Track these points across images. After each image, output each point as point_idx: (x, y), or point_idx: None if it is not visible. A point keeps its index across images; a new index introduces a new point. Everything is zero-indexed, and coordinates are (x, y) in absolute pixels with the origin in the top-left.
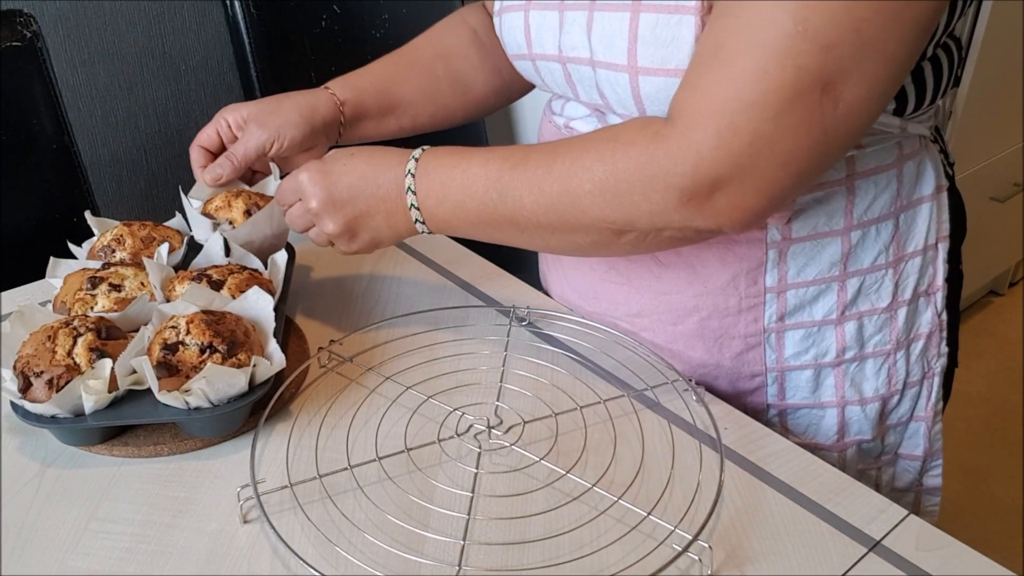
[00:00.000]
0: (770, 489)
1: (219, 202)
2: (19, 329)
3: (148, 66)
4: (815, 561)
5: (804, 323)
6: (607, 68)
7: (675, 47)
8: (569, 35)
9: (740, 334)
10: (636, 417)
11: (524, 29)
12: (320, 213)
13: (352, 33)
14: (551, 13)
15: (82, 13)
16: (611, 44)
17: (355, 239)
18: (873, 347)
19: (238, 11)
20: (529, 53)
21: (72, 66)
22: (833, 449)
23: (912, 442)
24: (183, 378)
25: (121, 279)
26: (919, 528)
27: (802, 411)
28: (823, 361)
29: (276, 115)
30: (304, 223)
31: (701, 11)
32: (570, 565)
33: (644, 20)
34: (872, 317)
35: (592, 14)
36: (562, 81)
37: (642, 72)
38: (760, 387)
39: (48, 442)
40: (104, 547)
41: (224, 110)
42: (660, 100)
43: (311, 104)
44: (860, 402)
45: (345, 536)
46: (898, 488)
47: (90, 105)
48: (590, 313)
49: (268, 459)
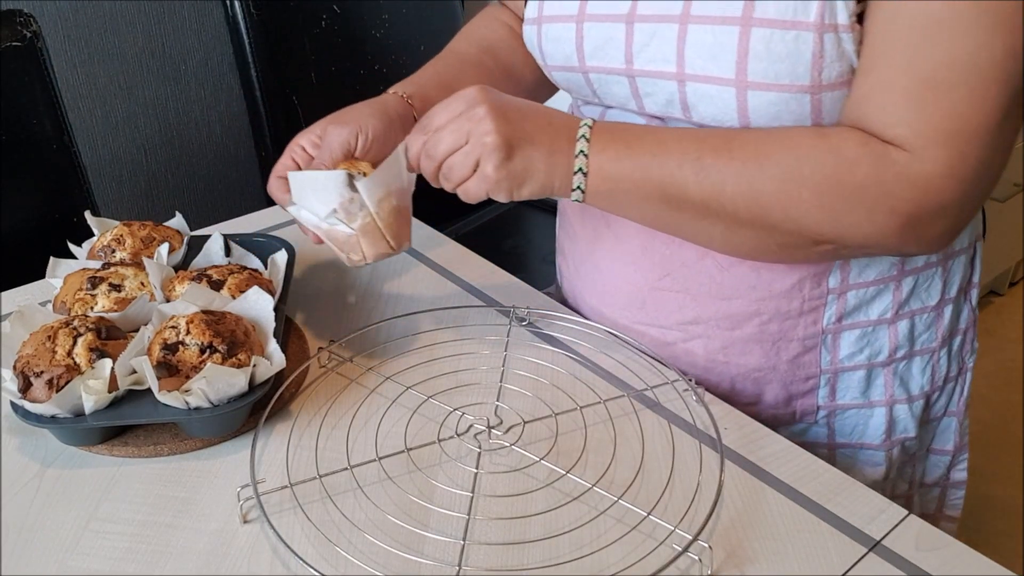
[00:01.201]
0: (770, 489)
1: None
2: (19, 329)
3: (148, 66)
4: (815, 561)
5: (860, 323)
6: (705, 82)
7: (790, 62)
8: (649, 49)
9: (799, 336)
10: (636, 417)
11: (576, 42)
12: (485, 118)
13: (352, 33)
14: (616, 26)
15: (82, 13)
16: (714, 58)
17: (509, 161)
18: (921, 345)
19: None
20: (581, 66)
21: (72, 66)
22: (880, 448)
23: (944, 437)
24: (183, 378)
25: (121, 279)
26: (919, 528)
27: (851, 411)
28: (876, 361)
29: (350, 113)
30: (454, 139)
31: (820, 27)
32: (570, 565)
33: (756, 35)
34: (923, 315)
35: (686, 28)
36: (625, 94)
37: (752, 87)
38: (812, 389)
39: (48, 442)
40: (104, 547)
41: (295, 139)
42: (767, 115)
43: (380, 102)
44: (908, 400)
45: (345, 536)
46: (926, 483)
47: (90, 105)
48: (626, 327)
49: (268, 459)
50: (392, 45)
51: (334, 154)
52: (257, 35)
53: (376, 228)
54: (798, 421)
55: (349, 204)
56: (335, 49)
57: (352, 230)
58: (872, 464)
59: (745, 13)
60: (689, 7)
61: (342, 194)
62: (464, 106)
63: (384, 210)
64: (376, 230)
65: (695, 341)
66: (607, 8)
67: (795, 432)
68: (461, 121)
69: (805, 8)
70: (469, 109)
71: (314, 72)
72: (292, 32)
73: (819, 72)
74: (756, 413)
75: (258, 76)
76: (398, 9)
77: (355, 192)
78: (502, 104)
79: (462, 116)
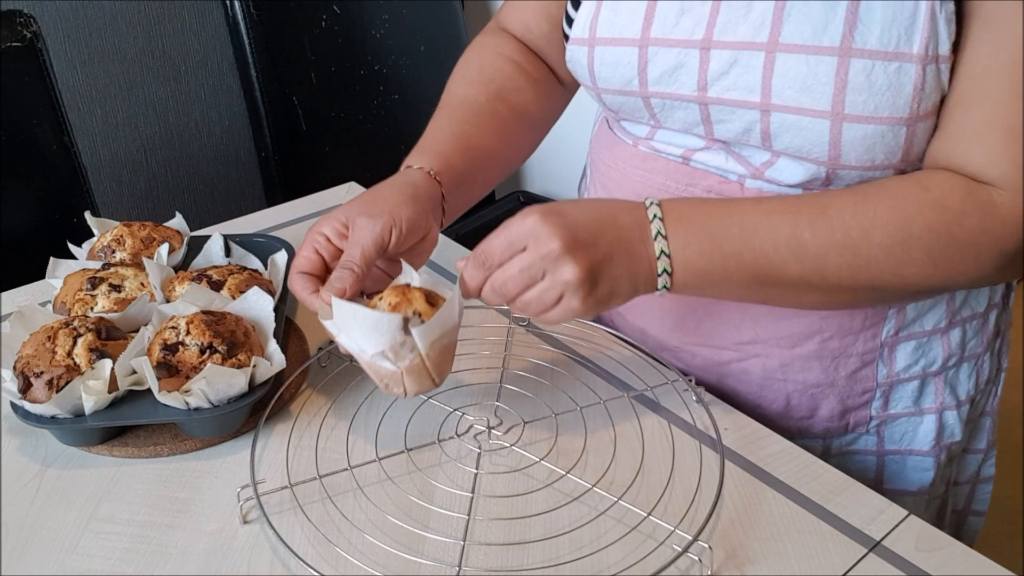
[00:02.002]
0: (770, 489)
1: (392, 299)
2: (19, 330)
3: (148, 66)
4: (815, 561)
5: (916, 334)
6: (796, 113)
7: (891, 95)
8: (727, 77)
9: (858, 352)
10: (636, 418)
11: (639, 67)
12: (561, 256)
13: (352, 33)
14: (689, 52)
15: (82, 13)
16: (807, 89)
17: (595, 289)
18: (969, 351)
19: (238, 11)
20: (642, 91)
21: (72, 66)
22: (929, 454)
23: (979, 436)
24: (183, 378)
25: (121, 279)
26: (919, 528)
27: (901, 420)
28: (929, 371)
29: (380, 202)
30: (528, 277)
31: (924, 59)
32: (570, 566)
33: (856, 66)
34: (972, 322)
35: (774, 56)
36: (692, 119)
37: (848, 119)
38: (867, 402)
39: (48, 442)
40: (104, 547)
41: (315, 225)
42: (860, 147)
43: (409, 182)
44: (956, 405)
45: (345, 537)
46: (959, 482)
47: (90, 105)
48: (675, 347)
49: (268, 459)
50: (392, 45)
51: (367, 252)
52: (257, 35)
53: (424, 368)
54: (850, 432)
55: (400, 347)
56: (335, 49)
57: (397, 367)
58: (921, 470)
59: (844, 43)
60: (778, 34)
61: (395, 337)
62: (529, 240)
63: (435, 351)
64: (423, 370)
65: (752, 360)
66: (677, 32)
67: (845, 441)
68: (531, 258)
69: (909, 38)
70: (537, 245)
71: (314, 72)
72: (292, 32)
73: (918, 104)
74: (808, 427)
75: (258, 76)
76: (398, 9)
77: (408, 335)
78: (571, 232)
79: (531, 253)
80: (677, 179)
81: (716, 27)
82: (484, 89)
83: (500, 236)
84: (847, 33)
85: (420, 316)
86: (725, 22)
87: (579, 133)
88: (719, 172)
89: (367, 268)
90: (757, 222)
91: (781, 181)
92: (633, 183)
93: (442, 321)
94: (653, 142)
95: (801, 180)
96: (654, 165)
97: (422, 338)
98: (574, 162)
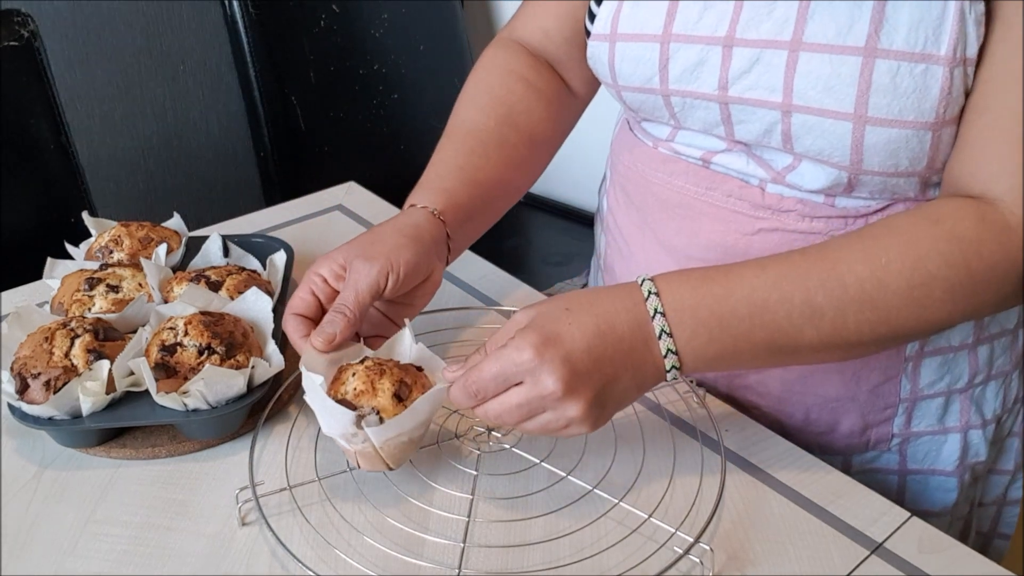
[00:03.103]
0: (772, 491)
1: (359, 385)
2: (16, 330)
3: (146, 66)
4: (817, 564)
5: (942, 349)
6: (817, 115)
7: (916, 98)
8: (749, 75)
9: (880, 365)
10: (637, 419)
11: (660, 63)
12: (563, 398)
13: (351, 33)
14: (711, 49)
15: (80, 13)
16: (830, 90)
17: (603, 411)
18: (996, 369)
19: (236, 11)
20: (662, 88)
21: (70, 66)
22: (953, 474)
23: (1006, 457)
24: (181, 379)
25: (119, 280)
26: (921, 531)
27: (924, 438)
28: (955, 388)
29: (379, 244)
30: (527, 412)
31: (951, 62)
32: (571, 568)
33: (881, 67)
34: (1000, 339)
35: (797, 55)
36: (713, 120)
37: (871, 122)
38: (889, 418)
39: (46, 444)
40: (102, 549)
41: (314, 266)
42: (884, 151)
43: (411, 223)
44: (982, 425)
45: (344, 539)
46: (984, 503)
47: (88, 105)
48: None
49: (267, 461)
50: (391, 45)
51: (360, 297)
52: (255, 35)
53: (377, 455)
54: (871, 449)
55: (352, 436)
56: (334, 49)
57: (350, 447)
58: (944, 490)
59: (869, 43)
60: (802, 32)
61: (346, 428)
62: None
63: (390, 446)
64: (377, 456)
65: (772, 372)
66: (699, 28)
67: (866, 459)
68: (530, 396)
69: (936, 39)
70: (536, 384)
71: (313, 72)
72: (291, 32)
73: (945, 108)
74: (829, 442)
75: (256, 76)
76: (398, 9)
77: (361, 429)
78: (571, 367)
79: (529, 390)
80: (697, 183)
81: (739, 24)
82: (493, 114)
83: (493, 367)
84: (872, 33)
85: (379, 414)
86: (748, 19)
87: (598, 138)
88: (740, 176)
89: (361, 313)
90: (766, 296)
91: (803, 186)
92: (652, 186)
93: (400, 424)
94: (674, 144)
95: (823, 186)
96: (674, 168)
97: (375, 436)
98: (593, 166)
